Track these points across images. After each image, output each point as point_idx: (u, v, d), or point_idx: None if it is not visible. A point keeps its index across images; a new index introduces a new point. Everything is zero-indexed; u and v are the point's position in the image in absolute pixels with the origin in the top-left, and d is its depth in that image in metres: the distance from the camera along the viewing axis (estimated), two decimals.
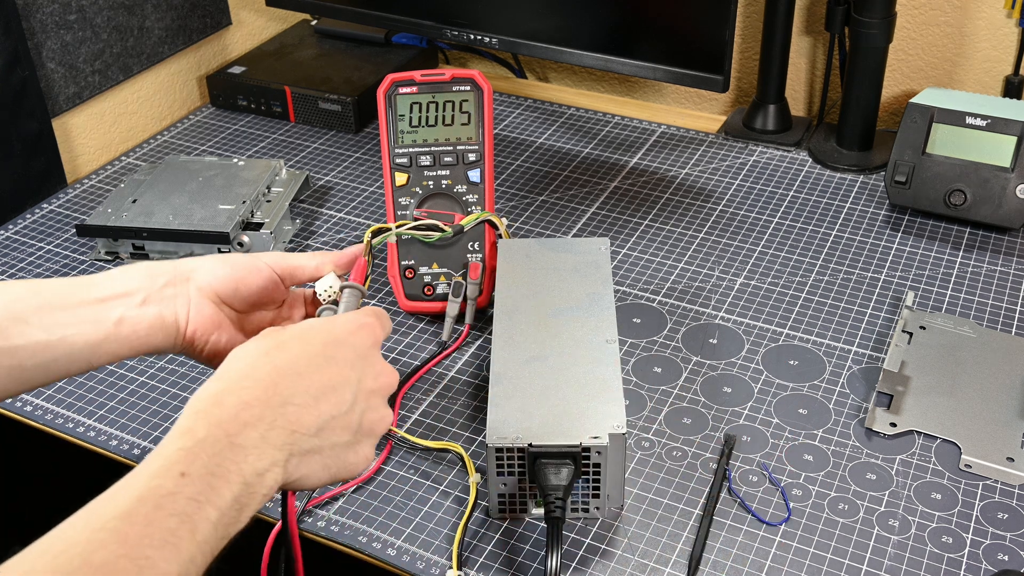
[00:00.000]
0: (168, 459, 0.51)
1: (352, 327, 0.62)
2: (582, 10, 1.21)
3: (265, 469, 0.53)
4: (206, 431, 0.52)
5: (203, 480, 0.50)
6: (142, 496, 0.48)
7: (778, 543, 0.78)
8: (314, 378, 0.58)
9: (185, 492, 0.49)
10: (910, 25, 1.29)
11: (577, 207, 1.19)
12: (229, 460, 0.52)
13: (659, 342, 0.98)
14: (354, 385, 0.59)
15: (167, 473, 0.50)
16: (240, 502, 0.51)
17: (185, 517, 0.48)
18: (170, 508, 0.48)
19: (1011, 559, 0.76)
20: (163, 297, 0.67)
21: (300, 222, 1.17)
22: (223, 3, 1.47)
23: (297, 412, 0.56)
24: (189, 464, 0.50)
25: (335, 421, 0.58)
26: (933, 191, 1.10)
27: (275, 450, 0.54)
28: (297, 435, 0.55)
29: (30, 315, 0.63)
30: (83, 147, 1.32)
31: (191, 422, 0.53)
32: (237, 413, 0.54)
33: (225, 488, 0.51)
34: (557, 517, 0.72)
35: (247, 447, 0.53)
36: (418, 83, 0.99)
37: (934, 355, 0.93)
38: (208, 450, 0.51)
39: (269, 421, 0.54)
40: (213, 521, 0.50)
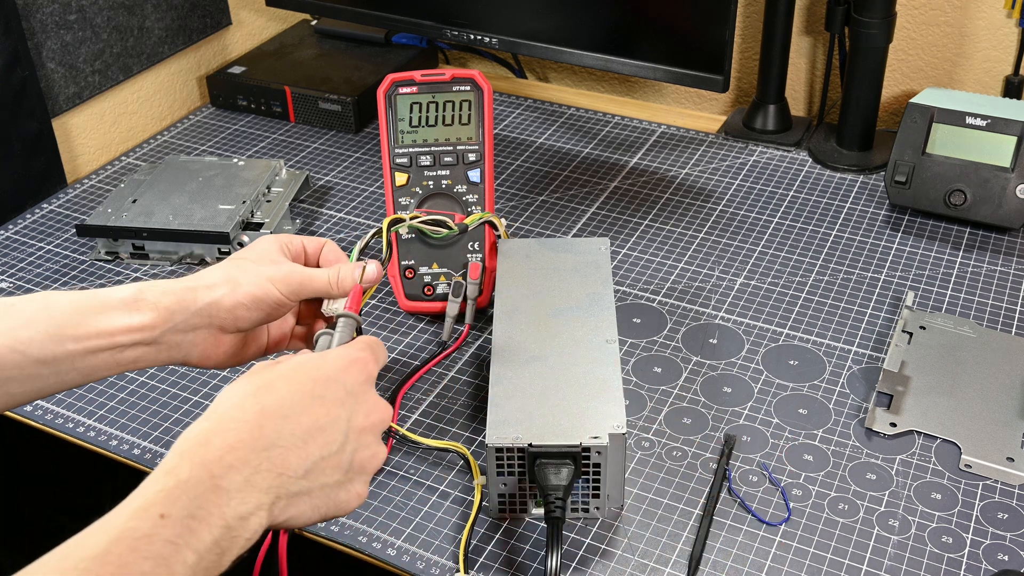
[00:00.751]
0: (148, 500, 0.50)
1: (343, 363, 0.60)
2: (582, 10, 1.21)
3: (249, 513, 0.52)
4: (189, 472, 0.51)
5: (182, 523, 0.49)
6: (118, 537, 0.47)
7: (778, 543, 0.78)
8: (301, 419, 0.56)
9: (162, 534, 0.48)
10: (910, 25, 1.29)
11: (577, 207, 1.19)
12: (211, 503, 0.51)
13: (659, 342, 0.98)
14: (344, 424, 0.58)
15: (145, 514, 0.49)
16: (221, 546, 0.50)
17: (161, 560, 0.47)
18: (145, 551, 0.47)
19: (1011, 559, 0.76)
20: (177, 342, 0.67)
21: (300, 222, 1.17)
22: (223, 3, 1.47)
23: (283, 455, 0.54)
24: (169, 506, 0.49)
25: (324, 462, 0.56)
26: (933, 191, 1.10)
27: (260, 493, 0.53)
28: (284, 478, 0.54)
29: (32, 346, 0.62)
30: (83, 147, 1.32)
31: (175, 462, 0.52)
32: (222, 456, 0.53)
33: (205, 531, 0.50)
34: (557, 517, 0.72)
35: (231, 490, 0.52)
36: (418, 83, 0.99)
37: (934, 355, 0.93)
38: (190, 492, 0.50)
39: (254, 465, 0.53)
40: (191, 564, 0.49)
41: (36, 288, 1.08)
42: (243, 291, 0.68)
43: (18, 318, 0.63)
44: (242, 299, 0.68)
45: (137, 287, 0.67)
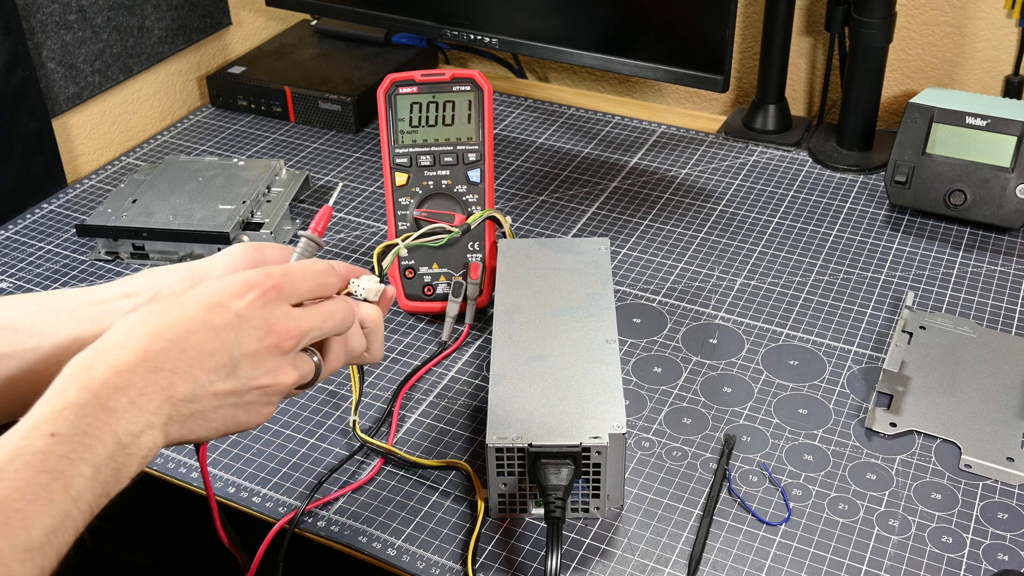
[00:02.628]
0: (37, 420, 0.51)
1: (236, 288, 0.59)
2: (582, 10, 1.21)
3: (140, 431, 0.53)
4: (76, 394, 0.52)
5: (74, 439, 0.50)
6: (12, 456, 0.49)
7: (778, 543, 0.78)
8: (188, 342, 0.55)
9: (56, 451, 0.49)
10: (910, 25, 1.29)
11: (577, 207, 1.19)
12: (101, 421, 0.51)
13: (659, 342, 0.98)
14: (233, 349, 0.57)
15: (36, 433, 0.50)
16: (116, 460, 0.51)
17: (57, 473, 0.49)
18: (40, 465, 0.48)
19: (1011, 559, 0.76)
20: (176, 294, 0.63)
21: (300, 222, 1.17)
22: (223, 3, 1.47)
23: (169, 378, 0.54)
24: (59, 424, 0.50)
25: (213, 386, 0.56)
26: (933, 191, 1.10)
27: (150, 414, 0.53)
28: (172, 401, 0.54)
29: (24, 321, 0.62)
30: (83, 147, 1.32)
31: (62, 385, 0.53)
32: (107, 379, 0.53)
33: (99, 447, 0.51)
34: (557, 517, 0.72)
35: (118, 410, 0.52)
36: (418, 83, 0.99)
37: (934, 355, 0.93)
38: (78, 412, 0.51)
39: (140, 387, 0.53)
40: (88, 477, 0.50)
41: (36, 288, 1.08)
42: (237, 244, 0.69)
43: (9, 304, 0.64)
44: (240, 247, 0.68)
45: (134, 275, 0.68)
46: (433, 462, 0.84)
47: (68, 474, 0.49)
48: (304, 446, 0.87)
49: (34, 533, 0.47)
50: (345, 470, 0.85)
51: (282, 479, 0.84)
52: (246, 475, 0.85)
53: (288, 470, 0.85)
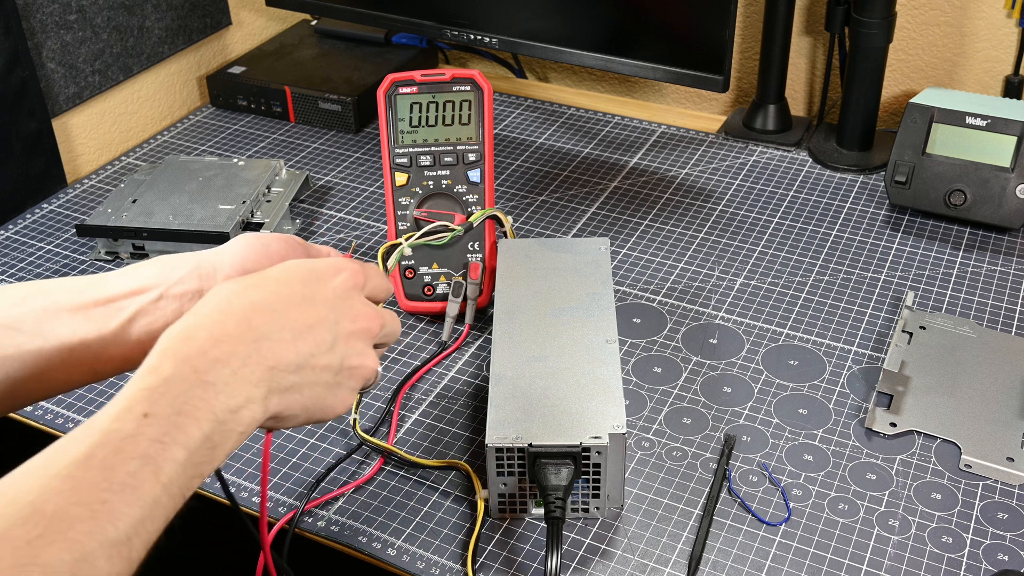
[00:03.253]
0: (130, 400, 0.48)
1: (333, 269, 0.60)
2: (582, 10, 1.21)
3: (239, 406, 0.51)
4: (172, 369, 0.50)
5: (168, 420, 0.48)
6: (101, 440, 0.46)
7: (778, 543, 0.78)
8: (291, 315, 0.55)
9: (148, 434, 0.47)
10: (910, 25, 1.29)
11: (577, 207, 1.19)
12: (198, 398, 0.49)
13: (659, 342, 0.98)
14: (332, 325, 0.57)
15: (128, 415, 0.48)
16: (212, 440, 0.50)
17: (147, 459, 0.46)
18: (131, 451, 0.46)
19: (1011, 559, 0.76)
20: (183, 292, 0.64)
21: (300, 222, 1.17)
22: (223, 3, 1.47)
23: (273, 348, 0.54)
24: (153, 404, 0.48)
25: (315, 359, 0.56)
26: (933, 191, 1.10)
27: (251, 386, 0.52)
28: (275, 371, 0.53)
29: (27, 320, 0.60)
30: (83, 147, 1.32)
31: (157, 360, 0.51)
32: (207, 350, 0.51)
33: (194, 427, 0.49)
34: (557, 517, 0.72)
35: (217, 384, 0.50)
36: (418, 83, 0.99)
37: (934, 355, 0.93)
38: (175, 389, 0.49)
39: (243, 357, 0.52)
40: (181, 461, 0.48)
41: None
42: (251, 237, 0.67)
43: (11, 298, 0.61)
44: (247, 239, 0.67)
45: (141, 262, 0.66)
46: (433, 462, 0.84)
47: (159, 459, 0.47)
48: (304, 446, 0.87)
49: (121, 525, 0.44)
50: (345, 470, 0.85)
51: (282, 479, 0.84)
52: (246, 475, 0.85)
53: (288, 470, 0.85)
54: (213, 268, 0.65)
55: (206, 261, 0.65)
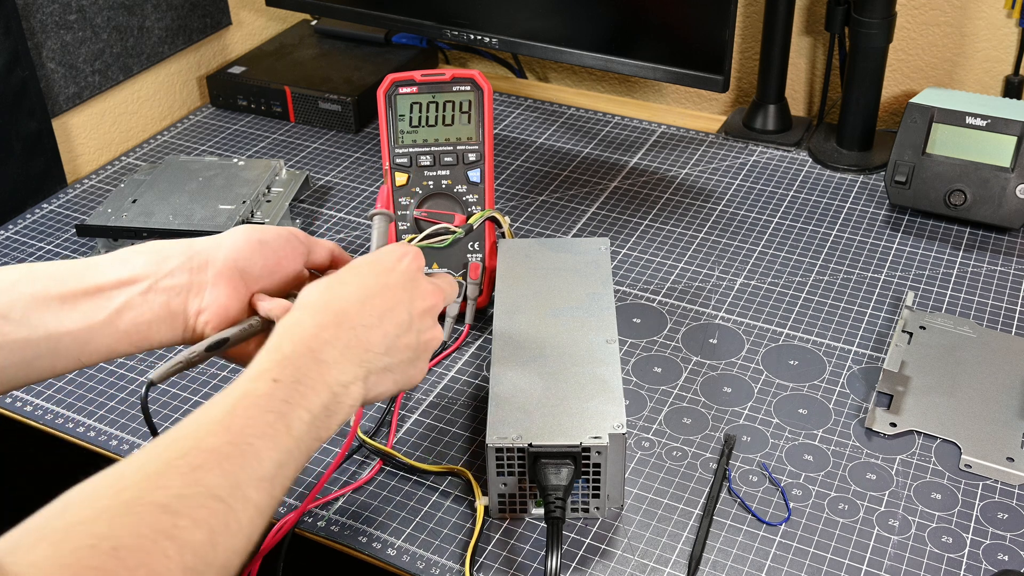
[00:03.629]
0: (261, 368, 0.57)
1: (397, 255, 0.67)
2: (582, 10, 1.21)
3: (349, 382, 0.59)
4: (291, 347, 0.58)
5: (292, 387, 0.56)
6: (241, 396, 0.54)
7: (778, 543, 0.78)
8: (375, 302, 0.63)
9: (278, 394, 0.55)
10: (910, 25, 1.29)
11: (577, 207, 1.19)
12: (314, 371, 0.58)
13: (659, 342, 0.98)
14: (407, 306, 0.65)
15: (261, 378, 0.56)
16: (329, 409, 0.58)
17: (280, 415, 0.54)
18: (266, 406, 0.54)
19: (1011, 559, 0.76)
20: (172, 285, 0.64)
21: (300, 222, 1.17)
22: (223, 3, 1.47)
23: (367, 333, 0.62)
24: (279, 372, 0.56)
25: (399, 340, 0.64)
26: (933, 191, 1.10)
27: (355, 366, 0.60)
28: (371, 354, 0.62)
29: (15, 308, 0.60)
30: (83, 147, 1.32)
31: (278, 341, 0.59)
32: (317, 333, 0.59)
33: (313, 395, 0.57)
34: (557, 517, 0.72)
35: (329, 361, 0.59)
36: (418, 83, 0.99)
37: (934, 355, 0.93)
38: (295, 362, 0.57)
39: (345, 341, 0.60)
40: (306, 422, 0.56)
41: None
42: (246, 229, 0.68)
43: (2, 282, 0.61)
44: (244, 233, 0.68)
45: (131, 247, 0.66)
46: (432, 467, 0.84)
47: (289, 416, 0.55)
48: None
49: (265, 464, 0.52)
50: (345, 470, 0.85)
51: None
52: None
53: None
54: (205, 262, 0.66)
55: (199, 255, 0.66)
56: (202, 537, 0.47)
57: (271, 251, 0.68)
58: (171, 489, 0.47)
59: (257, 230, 0.68)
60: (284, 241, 0.69)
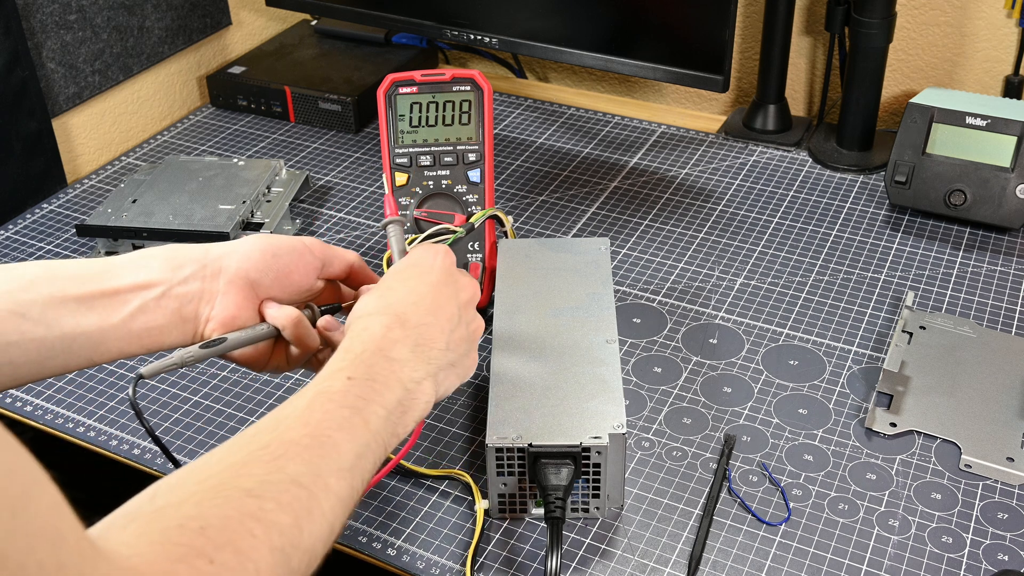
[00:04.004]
0: (334, 367, 0.59)
1: (431, 254, 0.69)
2: (582, 10, 1.21)
3: (421, 378, 0.61)
4: (362, 347, 0.60)
5: (366, 384, 0.58)
6: (316, 394, 0.56)
7: (778, 543, 0.78)
8: (426, 302, 0.65)
9: (353, 391, 0.57)
10: (910, 25, 1.29)
11: (577, 207, 1.19)
12: (387, 370, 0.60)
13: (659, 342, 0.98)
14: (454, 300, 0.67)
15: (335, 377, 0.58)
16: (404, 405, 0.59)
17: (356, 410, 0.56)
18: (341, 401, 0.56)
19: (1011, 559, 0.76)
20: (186, 292, 0.65)
21: (300, 222, 1.17)
22: (223, 3, 1.47)
23: (428, 331, 0.64)
24: (353, 371, 0.58)
25: (455, 334, 0.66)
26: (933, 191, 1.10)
27: (425, 364, 0.62)
28: (435, 351, 0.64)
29: (33, 307, 0.61)
30: (83, 147, 1.32)
31: (347, 344, 0.61)
32: (384, 334, 0.62)
33: (387, 392, 0.59)
34: (557, 517, 0.72)
35: (401, 360, 0.61)
36: (418, 83, 0.99)
37: (934, 355, 0.93)
38: (367, 361, 0.59)
39: (413, 340, 0.62)
40: (382, 417, 0.57)
41: None
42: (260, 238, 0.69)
43: (19, 281, 0.62)
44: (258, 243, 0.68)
45: (148, 249, 0.67)
46: (432, 471, 0.84)
47: (365, 412, 0.57)
48: None
49: (344, 456, 0.54)
50: None
51: None
52: None
53: None
54: (218, 270, 0.67)
55: (213, 263, 0.67)
56: (288, 520, 0.48)
57: (282, 263, 0.69)
58: (255, 476, 0.49)
59: (271, 241, 0.69)
60: (297, 255, 0.70)
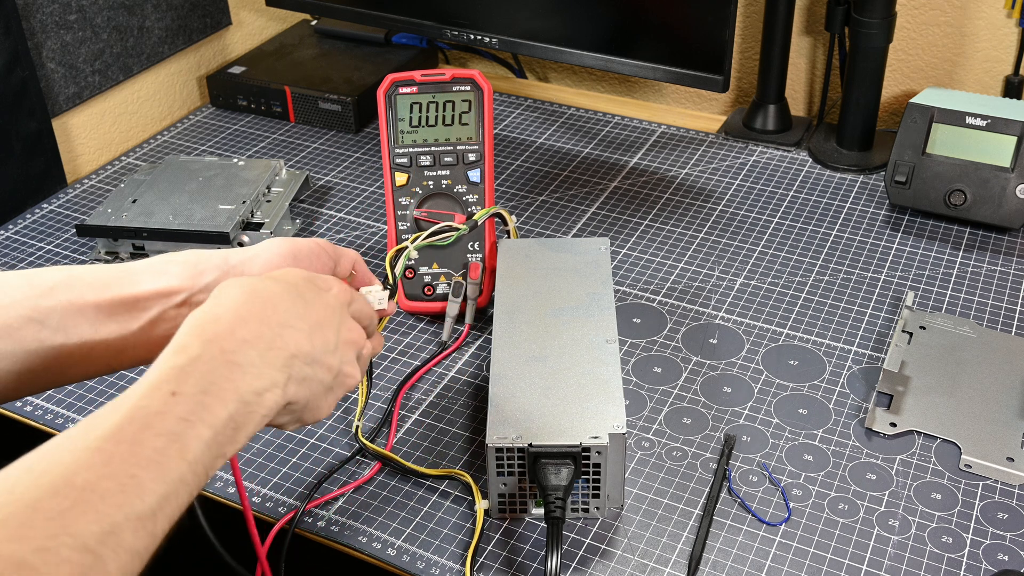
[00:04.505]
0: (159, 377, 0.50)
1: (330, 280, 0.63)
2: (582, 10, 1.21)
3: (264, 389, 0.53)
4: (200, 349, 0.52)
5: (194, 399, 0.49)
6: (130, 416, 0.47)
7: (778, 543, 0.78)
8: (306, 310, 0.58)
9: (175, 412, 0.48)
10: (910, 25, 1.29)
11: (577, 207, 1.19)
12: (224, 379, 0.51)
13: (659, 342, 0.98)
14: (336, 328, 0.60)
15: (156, 392, 0.49)
16: (236, 421, 0.51)
17: (174, 437, 0.48)
18: (158, 428, 0.47)
19: (1011, 559, 0.76)
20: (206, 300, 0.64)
21: (300, 222, 1.17)
22: (223, 3, 1.47)
23: (295, 336, 0.56)
24: (181, 383, 0.50)
25: (324, 357, 0.58)
26: (933, 191, 1.10)
27: (275, 371, 0.54)
28: (296, 359, 0.55)
29: (52, 315, 0.60)
30: (83, 147, 1.32)
31: (185, 340, 0.52)
32: (235, 329, 0.53)
33: (219, 407, 0.50)
34: (557, 517, 0.72)
35: (244, 365, 0.52)
36: (418, 83, 0.99)
37: (934, 355, 0.93)
38: (202, 368, 0.51)
39: (268, 340, 0.54)
40: (206, 440, 0.49)
41: None
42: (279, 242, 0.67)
43: (39, 287, 0.61)
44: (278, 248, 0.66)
45: (168, 254, 0.65)
46: (432, 471, 0.84)
47: (186, 437, 0.48)
48: (304, 446, 0.87)
49: (147, 500, 0.45)
50: (345, 470, 0.85)
51: (282, 479, 0.84)
52: (246, 475, 0.85)
53: (288, 470, 0.85)
54: (240, 272, 0.66)
55: (234, 269, 0.66)
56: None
57: (304, 265, 0.67)
58: (33, 540, 0.41)
59: (290, 245, 0.68)
60: (315, 257, 0.69)
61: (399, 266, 0.78)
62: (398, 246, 0.84)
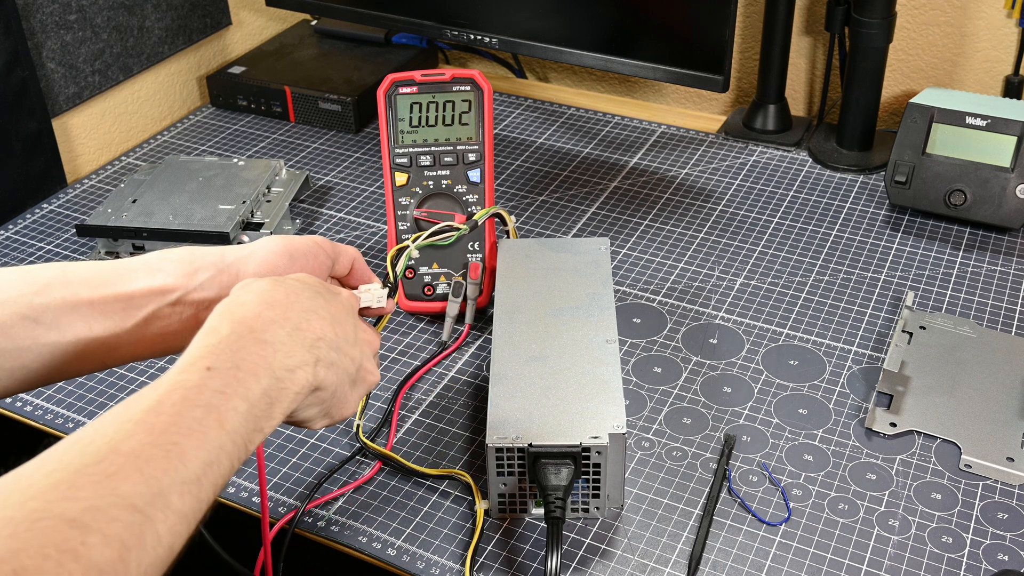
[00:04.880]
0: (194, 356, 0.52)
1: (338, 289, 0.64)
2: (582, 10, 1.21)
3: (295, 366, 0.55)
4: (230, 328, 0.54)
5: (229, 373, 0.52)
6: (169, 389, 0.50)
7: (778, 543, 0.78)
8: (326, 304, 0.59)
9: (211, 385, 0.51)
10: (910, 25, 1.29)
11: (577, 207, 1.19)
12: (256, 355, 0.53)
13: (659, 342, 0.98)
14: (353, 326, 0.61)
15: (192, 368, 0.51)
16: (270, 396, 0.53)
17: (211, 408, 0.50)
18: (195, 400, 0.50)
19: (1011, 559, 0.76)
20: (202, 299, 0.64)
21: (300, 222, 1.17)
22: (223, 3, 1.47)
23: (320, 323, 0.58)
24: (214, 359, 0.52)
25: (347, 347, 0.60)
26: (933, 191, 1.10)
27: (304, 350, 0.56)
28: (321, 342, 0.57)
29: (47, 312, 0.60)
30: (83, 147, 1.32)
31: (215, 322, 0.55)
32: (261, 312, 0.55)
33: (253, 381, 0.52)
34: (557, 517, 0.72)
35: (274, 343, 0.54)
36: (418, 83, 0.99)
37: (934, 355, 0.93)
38: (233, 346, 0.53)
39: (295, 322, 0.56)
40: (242, 412, 0.51)
41: None
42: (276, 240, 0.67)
43: (34, 285, 0.61)
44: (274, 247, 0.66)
45: (164, 251, 0.66)
46: (432, 471, 0.84)
47: (222, 408, 0.50)
48: (304, 446, 0.87)
49: (191, 466, 0.47)
50: (345, 470, 0.85)
51: (282, 479, 0.84)
52: (246, 475, 0.85)
53: (288, 470, 0.85)
54: (236, 274, 0.66)
55: (230, 267, 0.66)
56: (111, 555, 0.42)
57: (300, 263, 0.68)
58: (82, 500, 0.43)
59: (287, 242, 0.68)
60: (312, 255, 0.69)
61: (400, 265, 0.78)
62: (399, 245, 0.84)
